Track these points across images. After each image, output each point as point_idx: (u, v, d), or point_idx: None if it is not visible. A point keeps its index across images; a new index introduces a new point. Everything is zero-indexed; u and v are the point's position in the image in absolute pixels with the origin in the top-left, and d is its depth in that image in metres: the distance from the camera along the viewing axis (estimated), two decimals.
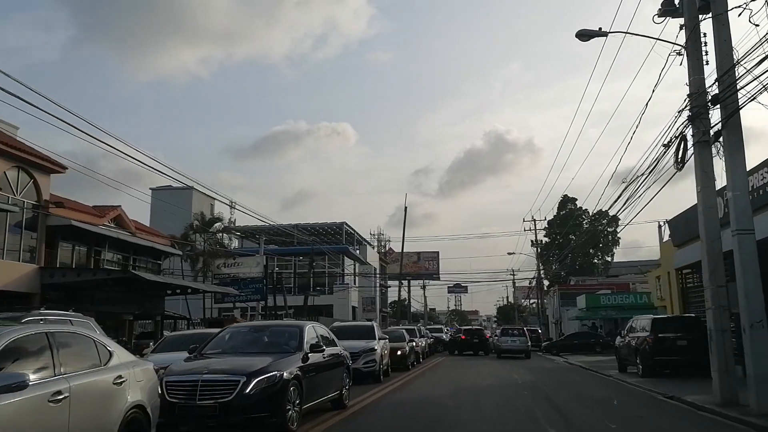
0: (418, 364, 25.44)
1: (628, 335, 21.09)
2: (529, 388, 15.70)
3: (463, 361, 30.59)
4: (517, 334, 36.38)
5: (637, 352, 19.28)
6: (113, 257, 28.81)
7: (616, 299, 43.46)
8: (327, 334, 10.97)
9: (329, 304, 54.98)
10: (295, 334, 9.40)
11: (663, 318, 19.98)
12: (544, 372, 22.53)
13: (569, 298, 55.66)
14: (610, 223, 46.91)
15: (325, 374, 9.80)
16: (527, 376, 19.78)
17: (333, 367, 10.25)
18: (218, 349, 9.23)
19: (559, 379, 19.52)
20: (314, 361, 9.20)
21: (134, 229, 30.09)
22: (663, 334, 18.52)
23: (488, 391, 15.30)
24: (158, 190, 55.86)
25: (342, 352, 11.08)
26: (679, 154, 13.42)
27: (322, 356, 9.62)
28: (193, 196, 55.46)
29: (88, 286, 25.00)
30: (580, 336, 40.47)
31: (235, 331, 9.86)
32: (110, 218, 28.70)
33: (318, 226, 63.98)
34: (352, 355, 15.94)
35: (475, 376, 19.99)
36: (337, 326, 19.20)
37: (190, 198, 55.47)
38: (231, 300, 36.10)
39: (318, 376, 9.34)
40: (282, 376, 7.92)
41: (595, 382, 18.48)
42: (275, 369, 7.96)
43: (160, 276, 28.42)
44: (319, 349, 9.32)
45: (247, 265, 37.13)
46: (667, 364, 18.38)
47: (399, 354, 21.53)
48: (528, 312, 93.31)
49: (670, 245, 24.04)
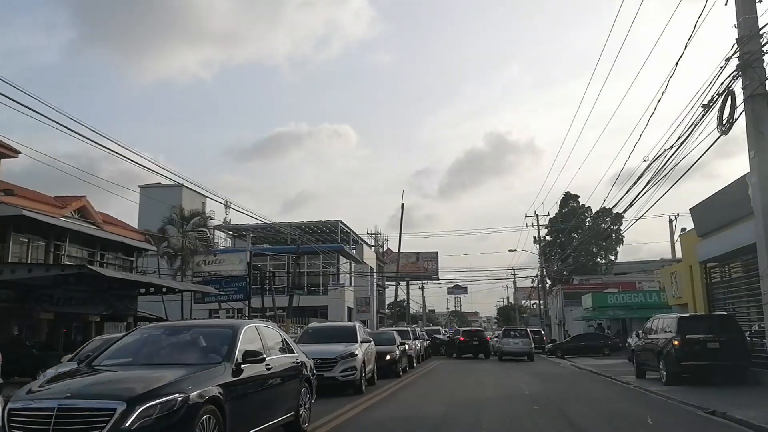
0: (411, 370, 22.88)
1: (647, 337, 18.57)
2: (539, 401, 13.12)
3: (461, 365, 28.01)
4: (520, 335, 34.25)
5: (660, 356, 16.77)
6: (77, 252, 26.24)
7: (624, 298, 41.02)
8: (280, 337, 8.40)
9: (324, 305, 53.12)
10: (225, 338, 6.83)
11: (691, 317, 17.40)
12: (553, 379, 19.96)
13: (573, 297, 53.45)
14: (614, 221, 44.48)
15: (270, 391, 7.25)
16: (535, 385, 17.21)
17: (283, 380, 7.71)
18: (117, 358, 6.64)
19: (571, 387, 16.94)
20: (250, 375, 6.66)
21: (101, 222, 27.48)
22: (691, 336, 16.00)
23: (490, 405, 12.73)
24: (147, 187, 54.20)
25: (300, 361, 8.51)
26: (724, 113, 10.89)
27: (264, 367, 7.06)
28: (183, 194, 53.51)
29: (46, 284, 22.50)
30: (587, 337, 37.94)
31: (145, 335, 7.21)
32: (73, 209, 26.12)
33: (313, 225, 62.02)
34: (327, 361, 13.49)
35: (474, 385, 17.40)
36: (313, 327, 16.69)
37: (180, 195, 53.45)
38: (212, 300, 33.53)
39: (256, 395, 6.81)
40: (186, 401, 5.36)
41: (614, 391, 15.89)
42: (177, 390, 5.40)
43: (123, 272, 25.84)
44: (256, 358, 6.73)
45: (230, 263, 34.58)
46: (696, 370, 15.87)
47: (388, 359, 19.00)
48: (529, 313, 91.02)
49: (692, 237, 21.45)
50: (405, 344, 21.95)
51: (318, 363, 13.46)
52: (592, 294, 42.91)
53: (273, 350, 7.75)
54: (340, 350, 13.96)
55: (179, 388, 5.44)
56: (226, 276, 33.62)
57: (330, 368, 13.54)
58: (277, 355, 7.77)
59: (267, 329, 8.10)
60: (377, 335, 21.16)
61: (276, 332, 8.39)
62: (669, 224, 38.85)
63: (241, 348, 6.70)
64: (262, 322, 8.60)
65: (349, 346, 14.37)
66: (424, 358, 31.34)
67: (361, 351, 14.49)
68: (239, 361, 6.51)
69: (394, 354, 19.32)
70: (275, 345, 8.00)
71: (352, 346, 14.41)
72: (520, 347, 32.93)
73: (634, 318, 39.97)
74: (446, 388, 16.42)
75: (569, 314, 52.45)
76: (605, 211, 47.84)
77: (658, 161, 15.43)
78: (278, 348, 8.06)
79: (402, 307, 79.52)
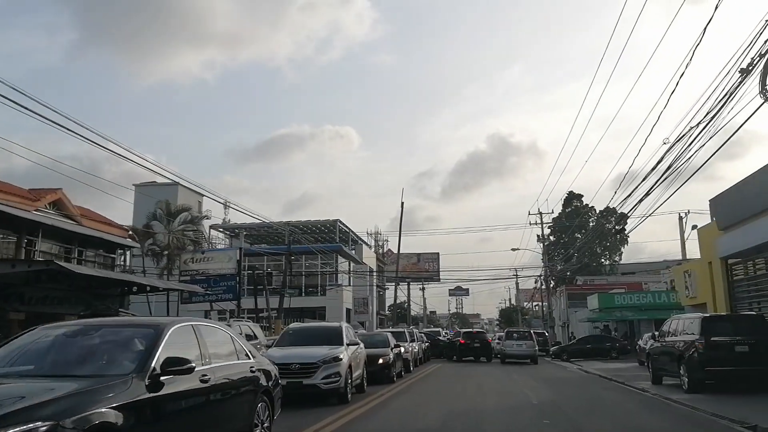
0: (407, 375, 21.20)
1: (664, 339, 16.91)
2: (549, 413, 11.44)
3: (462, 369, 26.33)
4: (523, 337, 32.66)
5: (681, 361, 15.09)
6: (51, 249, 24.60)
7: (632, 299, 39.35)
8: (231, 340, 6.71)
9: (322, 306, 51.70)
10: (141, 342, 5.14)
11: (716, 317, 15.70)
12: (561, 385, 18.27)
13: (577, 298, 51.90)
14: (618, 221, 42.86)
15: (207, 410, 5.59)
16: (542, 392, 15.52)
17: (230, 395, 6.06)
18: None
19: (582, 395, 15.26)
20: (175, 390, 5.01)
21: (78, 216, 25.84)
22: (717, 338, 14.33)
23: (493, 418, 11.05)
24: (142, 186, 52.94)
25: (257, 369, 6.83)
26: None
27: (199, 379, 5.41)
28: (179, 193, 52.27)
29: (16, 282, 20.87)
30: (594, 340, 36.22)
31: (36, 337, 5.49)
32: (47, 202, 24.49)
33: (311, 224, 60.66)
34: (307, 367, 11.84)
35: (475, 393, 15.71)
36: (293, 328, 15.00)
37: (176, 194, 52.14)
38: (200, 300, 31.89)
39: (183, 417, 5.16)
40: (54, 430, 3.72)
41: (632, 400, 14.17)
42: (43, 415, 3.74)
43: (96, 269, 24.17)
44: (181, 367, 5.03)
45: (219, 261, 32.92)
46: (722, 376, 14.22)
47: (380, 363, 17.34)
48: (531, 315, 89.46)
49: (712, 230, 19.81)
50: (400, 347, 20.27)
51: (297, 368, 11.89)
52: (599, 294, 41.27)
53: (218, 356, 6.09)
54: (322, 354, 12.30)
55: (47, 412, 3.79)
56: (215, 275, 31.97)
57: (310, 374, 11.89)
58: (223, 362, 6.11)
59: (211, 329, 6.42)
60: (369, 337, 19.55)
61: (226, 333, 6.71)
62: (679, 221, 37.17)
63: (163, 355, 5.03)
64: (207, 321, 6.91)
65: (334, 349, 12.70)
66: (422, 361, 29.66)
67: (346, 354, 12.81)
68: (156, 371, 4.85)
69: (387, 357, 17.66)
70: (223, 350, 6.34)
71: (337, 349, 12.74)
72: (524, 350, 31.46)
73: (642, 319, 38.38)
74: (444, 396, 14.75)
75: (574, 316, 50.85)
76: (610, 211, 46.37)
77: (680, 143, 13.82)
78: (227, 353, 6.40)
79: (403, 308, 78.15)
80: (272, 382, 7.17)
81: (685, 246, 37.06)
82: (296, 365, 11.87)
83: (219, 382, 5.77)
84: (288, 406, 11.90)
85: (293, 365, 11.86)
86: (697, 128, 12.52)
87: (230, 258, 33.09)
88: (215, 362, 5.88)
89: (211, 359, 5.81)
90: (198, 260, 32.87)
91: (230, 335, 6.72)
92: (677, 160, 14.64)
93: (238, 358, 6.56)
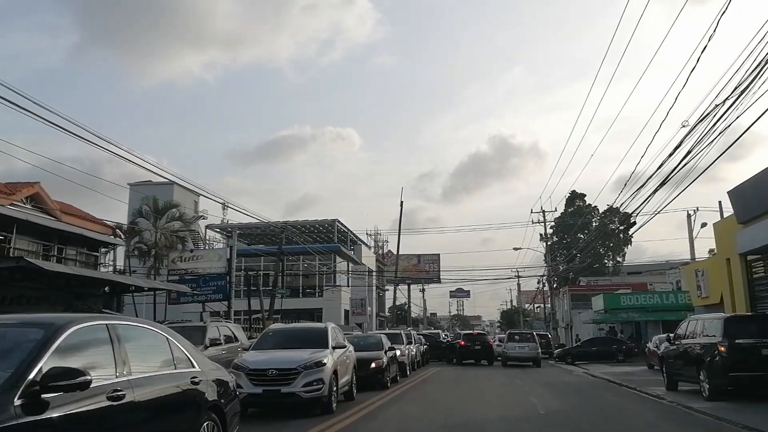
0: (403, 379, 19.87)
1: (680, 341, 15.59)
2: (560, 425, 10.10)
3: (462, 373, 24.97)
4: (526, 339, 31.49)
5: (701, 365, 13.78)
6: (28, 246, 23.30)
7: (639, 299, 38.01)
8: (168, 345, 5.37)
9: (319, 308, 50.50)
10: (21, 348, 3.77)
11: (739, 317, 14.35)
12: (569, 391, 16.92)
13: (581, 299, 50.59)
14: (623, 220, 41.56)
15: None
16: (549, 399, 14.16)
17: (161, 415, 4.74)
18: None
19: (594, 403, 13.91)
20: (69, 412, 3.70)
21: (58, 212, 24.53)
22: (741, 341, 13.01)
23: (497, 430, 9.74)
24: (137, 185, 51.80)
25: (201, 380, 5.48)
26: None
27: (107, 396, 4.08)
28: (175, 192, 51.05)
29: None
30: (599, 342, 34.84)
31: None
32: (24, 197, 23.18)
33: (309, 224, 59.47)
34: (286, 373, 10.52)
35: (476, 400, 14.35)
36: (274, 330, 13.62)
37: (171, 193, 50.94)
38: (188, 300, 30.54)
39: None
40: None
41: (649, 409, 12.80)
42: None
43: (69, 267, 22.85)
44: (72, 381, 3.69)
45: (209, 260, 31.58)
46: (747, 382, 12.90)
47: (373, 367, 16.03)
48: (533, 316, 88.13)
49: (730, 224, 18.47)
50: (395, 350, 18.93)
51: (274, 375, 10.56)
52: (604, 295, 39.97)
53: (144, 366, 4.78)
54: (303, 358, 10.96)
55: None
56: (204, 274, 30.63)
57: (289, 381, 10.55)
58: (152, 373, 4.80)
59: (137, 330, 5.07)
60: (362, 339, 18.24)
61: (159, 336, 5.34)
62: (687, 219, 35.71)
63: (49, 364, 3.72)
64: (132, 320, 5.49)
65: (317, 352, 11.36)
66: (421, 364, 28.34)
67: (331, 359, 11.47)
68: (35, 387, 3.55)
69: (380, 361, 16.31)
70: (152, 357, 5.02)
71: (320, 352, 11.39)
72: (526, 352, 30.30)
73: (649, 321, 37.09)
74: (441, 404, 13.40)
75: (577, 317, 49.54)
76: (613, 211, 45.03)
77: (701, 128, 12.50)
78: (160, 362, 5.09)
79: (403, 310, 76.75)
80: (225, 395, 5.83)
81: (694, 244, 35.65)
82: (273, 371, 10.55)
83: (141, 399, 4.44)
84: (263, 419, 10.61)
85: (270, 371, 10.54)
86: (724, 105, 11.20)
87: (220, 257, 31.76)
88: (138, 373, 4.56)
89: (131, 369, 4.49)
90: (187, 259, 31.51)
91: (166, 338, 5.36)
92: (697, 144, 13.35)
93: (176, 366, 5.22)
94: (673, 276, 47.01)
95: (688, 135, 13.10)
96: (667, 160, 15.70)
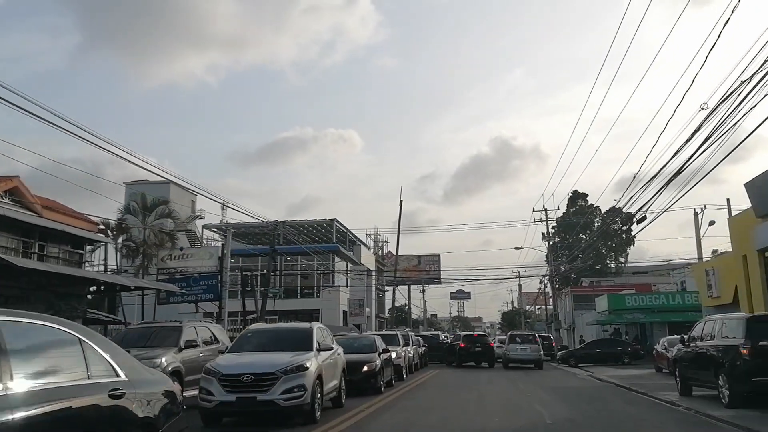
0: (399, 383, 18.75)
1: (696, 343, 14.48)
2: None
3: (461, 375, 23.84)
4: (528, 341, 30.53)
5: (720, 369, 12.64)
6: (7, 242, 22.20)
7: (644, 300, 36.87)
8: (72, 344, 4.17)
9: (317, 309, 49.48)
10: None
11: (763, 317, 13.14)
12: (575, 396, 15.79)
13: (583, 300, 49.50)
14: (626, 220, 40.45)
15: None
16: (556, 406, 13.03)
17: None
18: None
19: (604, 410, 12.79)
20: None
21: (38, 207, 23.43)
22: (766, 343, 11.87)
23: None
24: (133, 184, 50.80)
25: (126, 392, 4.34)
26: None
27: None
28: (171, 191, 50.10)
29: None
30: (604, 344, 33.70)
31: None
32: (2, 191, 22.07)
33: (307, 224, 58.47)
34: (263, 378, 9.40)
35: (476, 407, 13.21)
36: (254, 330, 12.47)
37: (168, 193, 50.00)
38: (178, 300, 29.42)
39: None
40: None
41: (668, 419, 11.63)
42: None
43: (46, 264, 21.74)
44: None
45: (199, 258, 30.47)
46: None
47: (365, 371, 14.93)
48: (534, 318, 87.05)
49: (747, 220, 17.35)
50: (390, 352, 17.80)
51: (249, 381, 9.43)
52: (608, 295, 38.82)
53: (40, 375, 3.67)
54: (284, 362, 9.84)
55: None
56: (194, 273, 29.53)
57: (267, 388, 9.42)
58: (54, 385, 3.69)
59: (34, 329, 3.82)
60: (354, 341, 17.14)
61: (70, 337, 4.10)
62: (695, 217, 34.49)
63: None
64: (28, 317, 4.33)
65: (299, 355, 10.24)
66: (418, 366, 27.22)
67: (315, 362, 10.36)
68: None
69: (373, 365, 15.20)
70: (54, 364, 3.91)
71: (303, 355, 10.27)
72: (528, 354, 29.34)
73: (654, 322, 35.99)
74: (437, 412, 12.27)
75: (580, 318, 48.39)
76: (615, 211, 43.93)
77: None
78: (66, 370, 3.94)
79: (403, 311, 75.65)
80: (165, 411, 4.72)
81: (701, 243, 34.47)
82: (249, 376, 9.43)
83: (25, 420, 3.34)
84: (238, 429, 9.58)
85: (244, 376, 9.42)
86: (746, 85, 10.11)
87: (211, 255, 30.64)
88: (31, 385, 3.46)
89: (16, 381, 3.39)
90: (177, 257, 30.42)
91: (79, 339, 4.24)
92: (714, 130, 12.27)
93: (90, 376, 4.12)
94: (678, 276, 45.92)
95: (707, 118, 11.99)
96: (676, 154, 14.77)
